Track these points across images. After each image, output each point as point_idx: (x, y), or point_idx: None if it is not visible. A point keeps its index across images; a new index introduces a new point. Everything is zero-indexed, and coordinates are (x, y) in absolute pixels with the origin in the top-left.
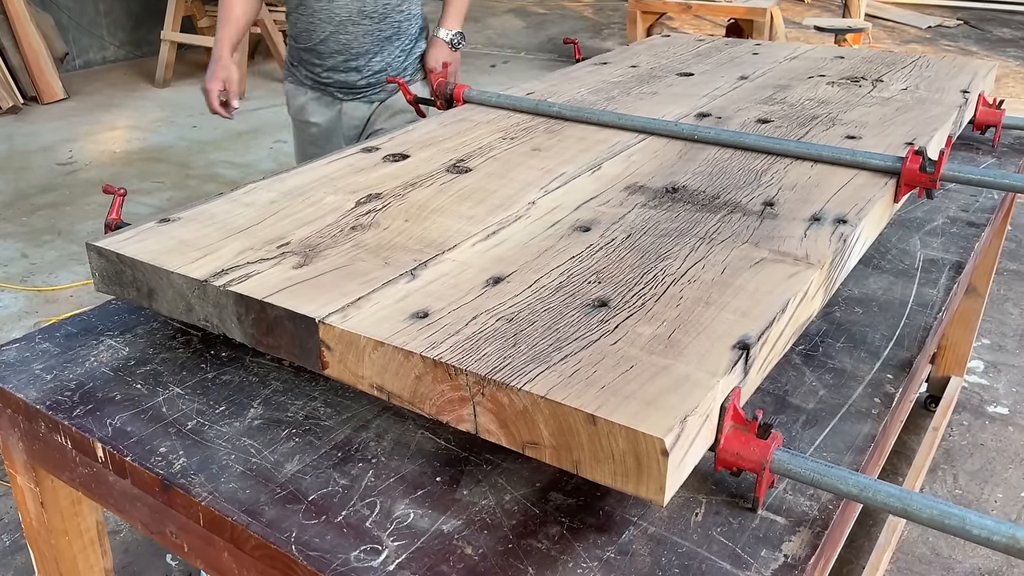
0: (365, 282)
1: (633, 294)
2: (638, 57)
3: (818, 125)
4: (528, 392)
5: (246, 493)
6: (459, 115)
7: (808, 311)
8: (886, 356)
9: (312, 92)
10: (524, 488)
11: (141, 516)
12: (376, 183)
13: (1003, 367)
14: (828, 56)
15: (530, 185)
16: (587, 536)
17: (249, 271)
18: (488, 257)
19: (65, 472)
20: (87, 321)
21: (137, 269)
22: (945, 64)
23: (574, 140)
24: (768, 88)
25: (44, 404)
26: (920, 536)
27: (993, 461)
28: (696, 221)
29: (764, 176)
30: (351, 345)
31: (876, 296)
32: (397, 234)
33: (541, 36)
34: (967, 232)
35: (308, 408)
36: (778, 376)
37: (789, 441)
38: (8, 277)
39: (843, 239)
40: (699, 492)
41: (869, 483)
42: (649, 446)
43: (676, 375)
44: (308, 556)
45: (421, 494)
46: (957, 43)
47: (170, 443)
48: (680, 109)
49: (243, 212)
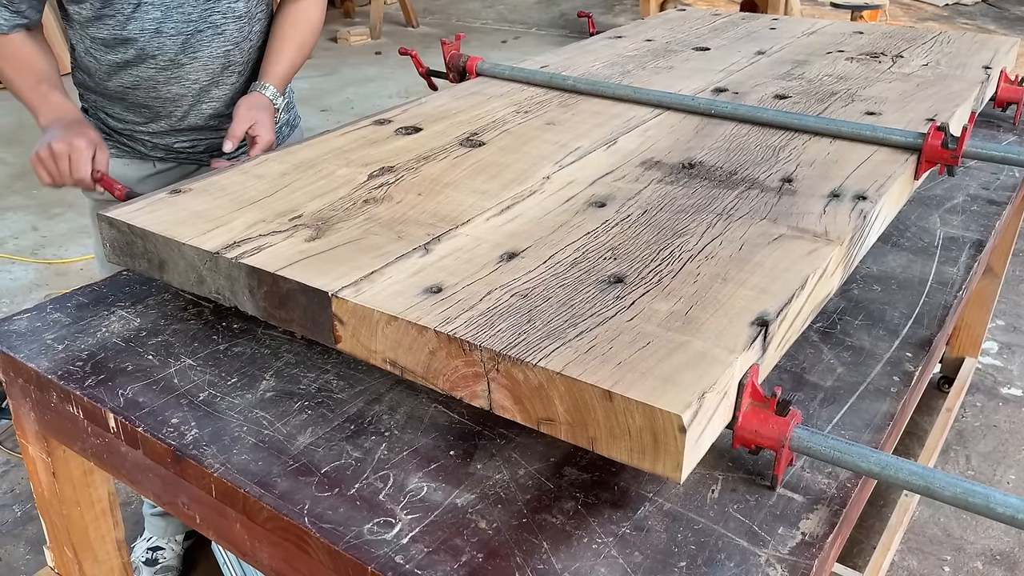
0: (378, 256)
1: (649, 270)
2: (653, 31)
3: (837, 101)
4: (543, 368)
5: (258, 465)
6: (472, 88)
7: (827, 288)
8: (905, 334)
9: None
10: (538, 463)
11: (153, 487)
12: (389, 156)
13: (1018, 349)
14: (847, 31)
15: (544, 159)
16: (602, 511)
17: (261, 244)
18: (502, 232)
19: (77, 442)
20: (98, 292)
21: (148, 240)
22: (966, 40)
23: (589, 114)
24: (786, 63)
25: (56, 374)
26: (931, 517)
27: (1006, 443)
28: (713, 197)
29: (782, 152)
30: (364, 319)
31: (895, 274)
32: (410, 208)
33: (553, 11)
34: (988, 210)
35: (321, 381)
36: (796, 354)
37: (807, 419)
38: (19, 249)
39: (863, 216)
40: (715, 469)
41: (891, 461)
42: (666, 423)
43: (694, 351)
44: (321, 528)
45: (434, 468)
46: (975, 21)
47: (182, 414)
48: (696, 84)
49: (255, 184)
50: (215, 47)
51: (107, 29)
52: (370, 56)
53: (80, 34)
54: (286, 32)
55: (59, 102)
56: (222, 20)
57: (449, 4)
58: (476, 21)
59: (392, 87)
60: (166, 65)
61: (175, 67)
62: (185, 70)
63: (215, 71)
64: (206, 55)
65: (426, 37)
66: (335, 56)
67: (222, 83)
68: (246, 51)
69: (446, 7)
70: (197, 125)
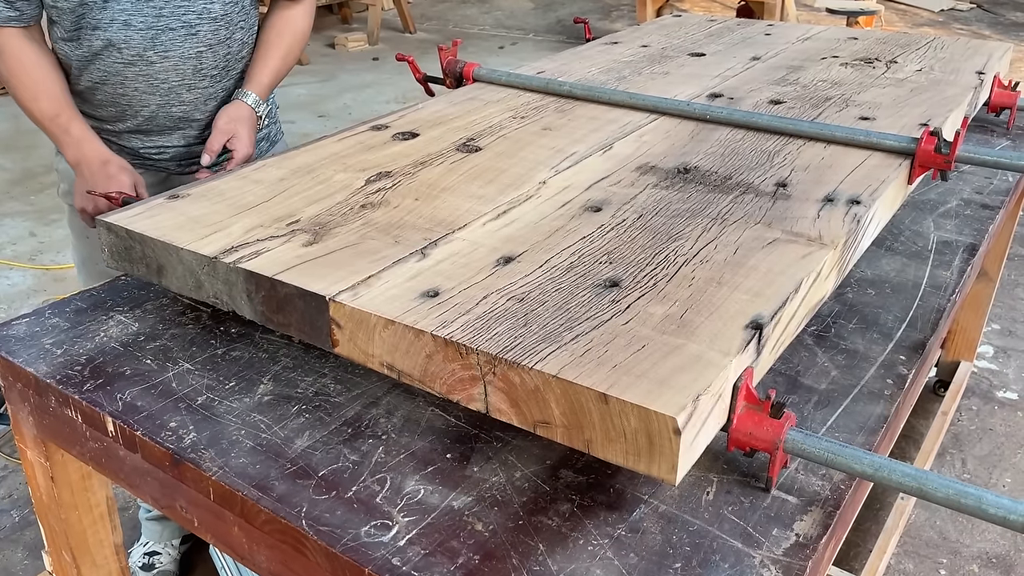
0: (375, 260)
1: (645, 274)
2: (649, 37)
3: (831, 106)
4: (540, 371)
5: (256, 468)
6: (469, 94)
7: (821, 292)
8: (899, 337)
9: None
10: (534, 465)
11: (151, 491)
12: (386, 161)
13: (1013, 352)
14: (841, 37)
15: (541, 164)
16: (597, 513)
17: (259, 248)
18: (499, 236)
19: (75, 447)
20: (96, 296)
21: (147, 245)
22: (960, 45)
23: (585, 120)
24: (781, 69)
25: (54, 378)
26: (927, 520)
27: (1002, 446)
28: (708, 202)
29: (777, 157)
30: (361, 323)
31: (889, 277)
32: (407, 213)
33: (550, 17)
34: (981, 214)
35: (318, 384)
36: (790, 357)
37: (801, 421)
38: (17, 255)
39: (856, 220)
40: (710, 471)
41: (884, 463)
42: (661, 425)
43: (688, 354)
44: (318, 531)
45: (431, 470)
46: (970, 26)
47: (180, 418)
48: (692, 89)
49: (253, 189)
50: (187, 47)
51: (77, 19)
52: (368, 62)
53: (53, 27)
54: (271, 40)
55: (81, 135)
56: (196, 20)
57: (447, 10)
58: (474, 27)
59: (390, 92)
60: (133, 59)
61: (144, 63)
62: (155, 68)
63: (186, 73)
64: (177, 55)
65: (424, 43)
66: (333, 62)
67: (194, 87)
68: (221, 56)
69: (444, 13)
70: (165, 127)
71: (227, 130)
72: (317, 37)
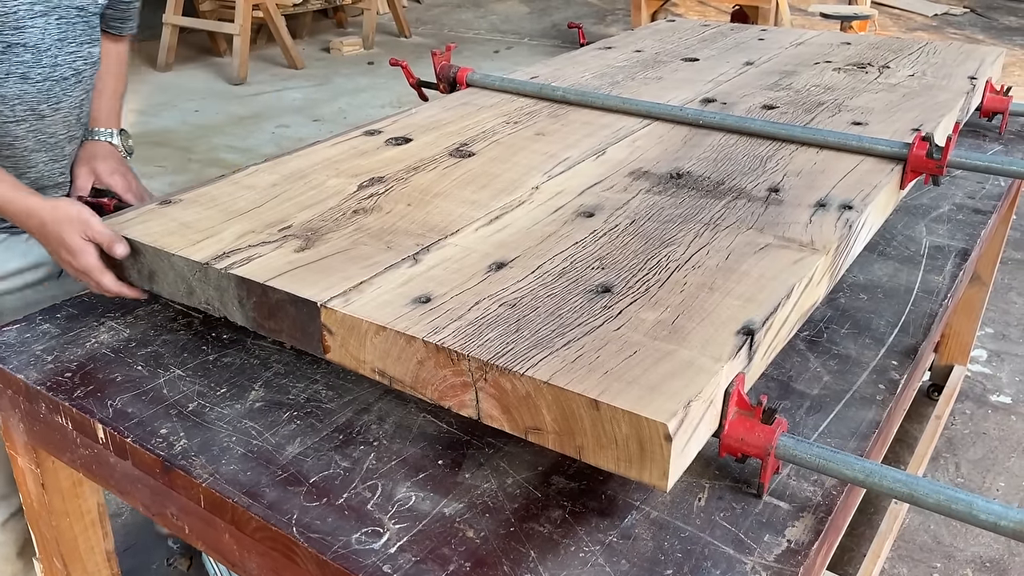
0: (367, 266)
1: (637, 280)
2: (643, 42)
3: (824, 111)
4: (531, 377)
5: (247, 475)
6: (462, 99)
7: (813, 297)
8: (891, 342)
9: None
10: (526, 471)
11: (142, 497)
12: (378, 167)
13: (1006, 356)
14: (834, 42)
15: (534, 170)
16: (589, 520)
17: (251, 254)
18: (491, 242)
19: (66, 453)
20: (87, 303)
21: (138, 251)
22: (952, 50)
23: (578, 125)
24: (774, 74)
25: (45, 385)
26: (921, 524)
27: (995, 450)
28: (701, 207)
29: (769, 162)
30: (353, 329)
31: (881, 283)
32: (399, 218)
33: (545, 22)
34: (973, 219)
35: (310, 391)
36: (782, 362)
37: (793, 427)
38: None
39: (848, 225)
40: (702, 477)
41: (875, 468)
42: (652, 431)
43: (680, 360)
44: (309, 538)
45: (423, 477)
46: (963, 31)
47: (171, 425)
48: (685, 94)
49: (245, 195)
50: (75, 96)
51: None
52: (363, 66)
53: None
54: (112, 76)
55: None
56: (83, 66)
57: (442, 14)
58: (469, 31)
59: (385, 97)
60: (25, 115)
61: (35, 117)
62: (45, 122)
63: (71, 123)
64: (67, 105)
65: (419, 47)
66: (328, 66)
67: (74, 138)
68: (89, 101)
69: (439, 17)
70: (50, 186)
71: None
72: (312, 41)
